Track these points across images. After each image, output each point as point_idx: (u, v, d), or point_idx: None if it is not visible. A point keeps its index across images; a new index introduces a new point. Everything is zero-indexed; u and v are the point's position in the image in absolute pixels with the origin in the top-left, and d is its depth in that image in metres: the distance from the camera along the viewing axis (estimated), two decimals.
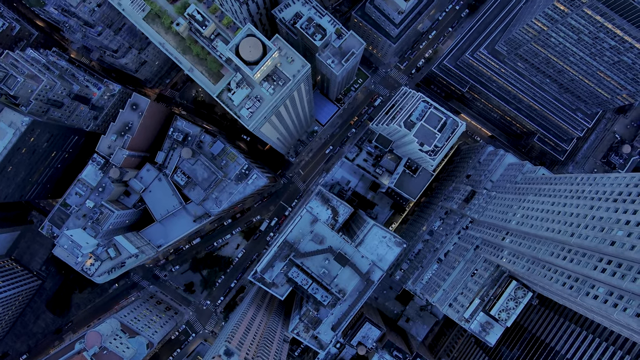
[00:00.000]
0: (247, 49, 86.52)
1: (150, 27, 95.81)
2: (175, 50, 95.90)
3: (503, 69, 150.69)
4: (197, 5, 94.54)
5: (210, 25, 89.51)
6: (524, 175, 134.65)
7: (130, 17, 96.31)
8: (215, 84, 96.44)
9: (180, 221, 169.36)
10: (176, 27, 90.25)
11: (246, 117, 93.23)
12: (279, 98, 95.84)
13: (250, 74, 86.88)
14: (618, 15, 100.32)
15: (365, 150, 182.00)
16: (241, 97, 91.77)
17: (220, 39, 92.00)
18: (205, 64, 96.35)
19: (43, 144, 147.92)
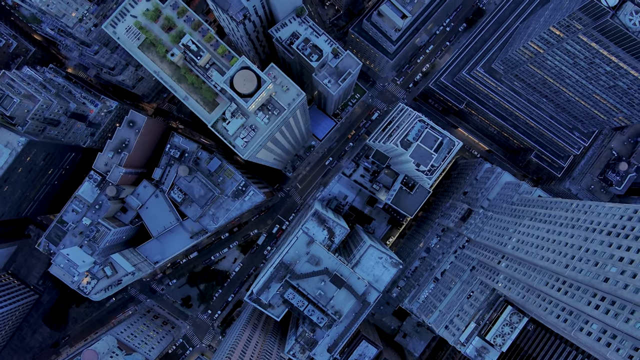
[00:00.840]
0: (241, 82, 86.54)
1: (145, 56, 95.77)
2: (170, 78, 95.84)
3: (500, 87, 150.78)
4: (192, 34, 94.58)
5: (205, 55, 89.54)
6: (520, 196, 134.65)
7: (125, 45, 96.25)
8: (211, 112, 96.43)
9: (177, 237, 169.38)
10: (171, 58, 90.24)
11: (241, 146, 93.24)
12: (274, 127, 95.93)
13: (245, 106, 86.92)
14: (613, 43, 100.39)
15: (362, 166, 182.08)
16: (236, 126, 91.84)
17: (215, 68, 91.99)
18: (201, 93, 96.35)
19: (40, 163, 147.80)
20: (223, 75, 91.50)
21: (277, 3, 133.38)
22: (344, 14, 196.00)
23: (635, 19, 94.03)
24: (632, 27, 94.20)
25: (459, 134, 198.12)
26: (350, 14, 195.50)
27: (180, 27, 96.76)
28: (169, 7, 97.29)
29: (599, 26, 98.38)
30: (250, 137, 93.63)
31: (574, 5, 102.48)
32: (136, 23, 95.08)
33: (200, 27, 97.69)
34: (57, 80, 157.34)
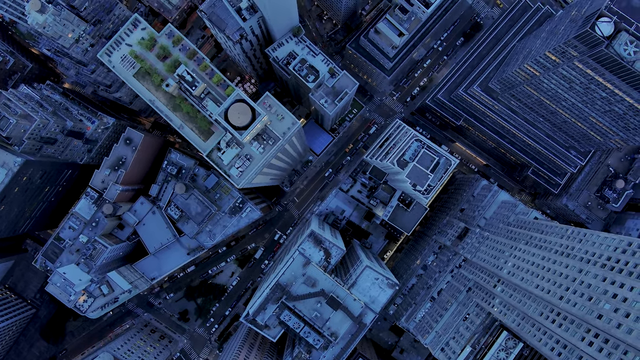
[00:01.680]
0: (235, 115, 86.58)
1: (140, 84, 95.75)
2: (166, 107, 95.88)
3: (496, 106, 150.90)
4: (187, 63, 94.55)
5: (200, 85, 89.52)
6: (517, 217, 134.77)
7: (121, 74, 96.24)
8: (206, 140, 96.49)
9: (174, 254, 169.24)
10: (166, 88, 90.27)
11: (236, 176, 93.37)
12: (269, 156, 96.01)
13: (240, 139, 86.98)
14: (608, 71, 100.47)
15: (359, 182, 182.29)
16: (231, 156, 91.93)
17: (210, 97, 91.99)
18: (196, 122, 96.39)
19: (36, 181, 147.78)
20: (218, 104, 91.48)
21: (274, 23, 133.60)
22: (342, 28, 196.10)
23: (630, 49, 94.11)
24: (627, 57, 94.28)
25: (456, 148, 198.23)
26: (347, 28, 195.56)
27: (176, 56, 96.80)
28: (164, 36, 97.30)
29: (594, 55, 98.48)
30: (245, 166, 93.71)
31: (569, 32, 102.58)
32: (131, 52, 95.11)
33: (196, 56, 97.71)
34: (54, 98, 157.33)
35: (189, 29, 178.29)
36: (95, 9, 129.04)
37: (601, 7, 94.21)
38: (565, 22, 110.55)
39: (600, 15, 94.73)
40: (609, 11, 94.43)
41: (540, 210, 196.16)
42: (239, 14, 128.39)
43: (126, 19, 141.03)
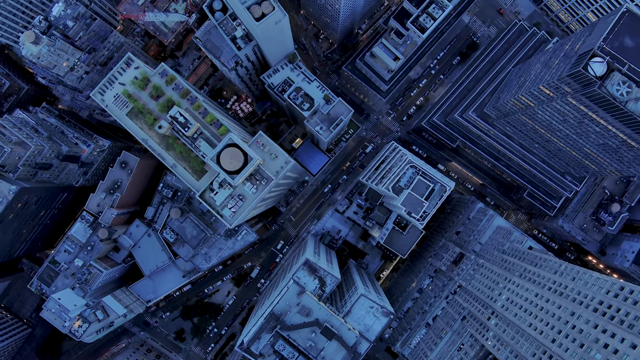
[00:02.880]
0: (227, 160, 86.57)
1: (133, 123, 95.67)
2: (159, 146, 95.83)
3: (492, 131, 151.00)
4: (180, 102, 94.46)
5: (192, 127, 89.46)
6: (511, 245, 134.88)
7: (113, 113, 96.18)
8: (199, 180, 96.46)
9: (169, 276, 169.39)
10: (159, 130, 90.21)
11: (228, 217, 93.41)
12: (262, 195, 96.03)
13: (232, 183, 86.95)
14: (601, 109, 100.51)
15: (355, 203, 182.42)
16: (223, 197, 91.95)
17: (203, 137, 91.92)
18: (189, 161, 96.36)
19: (31, 207, 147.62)
20: (211, 145, 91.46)
21: (269, 52, 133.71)
22: (338, 47, 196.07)
23: (622, 89, 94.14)
24: (620, 97, 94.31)
25: (452, 167, 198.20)
26: (344, 47, 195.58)
27: (169, 95, 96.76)
28: (157, 75, 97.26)
29: (586, 93, 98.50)
30: (238, 207, 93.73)
31: (562, 69, 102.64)
32: (124, 92, 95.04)
33: (189, 95, 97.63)
34: (49, 121, 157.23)
35: (185, 50, 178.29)
36: (90, 38, 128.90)
37: (594, 47, 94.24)
38: (559, 55, 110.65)
39: (593, 55, 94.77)
40: (601, 51, 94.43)
41: (536, 230, 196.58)
42: (234, 43, 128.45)
43: (121, 45, 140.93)
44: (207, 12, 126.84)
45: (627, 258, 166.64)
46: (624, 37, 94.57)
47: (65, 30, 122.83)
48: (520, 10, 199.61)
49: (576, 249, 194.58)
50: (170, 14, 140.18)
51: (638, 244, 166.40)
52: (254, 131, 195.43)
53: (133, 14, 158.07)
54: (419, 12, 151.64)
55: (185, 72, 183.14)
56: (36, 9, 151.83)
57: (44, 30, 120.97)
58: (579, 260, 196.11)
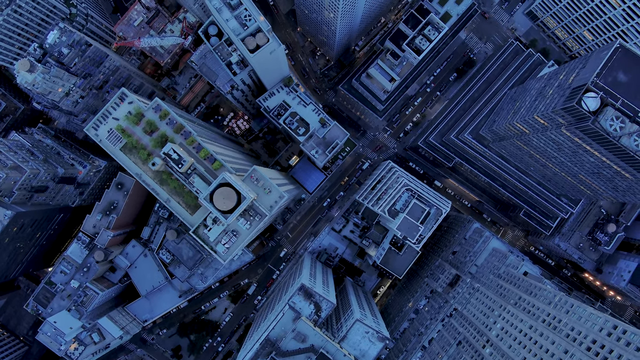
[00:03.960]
0: (220, 200, 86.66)
1: (127, 158, 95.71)
2: (153, 181, 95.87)
3: (488, 153, 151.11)
4: (174, 138, 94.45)
5: (186, 163, 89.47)
6: (507, 269, 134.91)
7: (107, 148, 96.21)
8: (193, 214, 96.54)
9: (166, 296, 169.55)
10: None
11: (222, 252, 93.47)
12: (256, 230, 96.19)
13: (225, 222, 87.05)
14: (595, 142, 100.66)
15: (352, 222, 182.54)
16: (217, 233, 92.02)
17: (197, 173, 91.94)
18: (183, 196, 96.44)
19: (27, 229, 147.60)
20: (205, 181, 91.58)
21: (265, 77, 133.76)
22: (335, 64, 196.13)
23: (615, 125, 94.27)
24: (613, 133, 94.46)
25: (449, 184, 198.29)
26: (341, 64, 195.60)
27: (163, 130, 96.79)
28: (151, 110, 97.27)
29: (580, 127, 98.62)
30: (232, 242, 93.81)
31: (556, 101, 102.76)
32: (118, 127, 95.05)
33: (183, 130, 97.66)
34: (45, 142, 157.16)
35: (181, 69, 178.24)
36: (85, 64, 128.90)
37: (587, 83, 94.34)
38: (554, 85, 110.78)
39: (586, 90, 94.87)
40: (595, 86, 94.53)
41: (533, 246, 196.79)
42: (229, 68, 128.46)
43: (117, 69, 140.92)
44: (202, 38, 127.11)
45: (623, 277, 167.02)
46: (617, 72, 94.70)
47: (61, 57, 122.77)
48: (517, 26, 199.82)
49: (573, 265, 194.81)
50: (166, 38, 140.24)
51: (634, 263, 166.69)
52: (250, 149, 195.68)
53: (128, 35, 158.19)
54: (415, 33, 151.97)
55: (182, 90, 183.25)
56: (32, 31, 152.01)
57: (39, 57, 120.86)
58: (575, 277, 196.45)
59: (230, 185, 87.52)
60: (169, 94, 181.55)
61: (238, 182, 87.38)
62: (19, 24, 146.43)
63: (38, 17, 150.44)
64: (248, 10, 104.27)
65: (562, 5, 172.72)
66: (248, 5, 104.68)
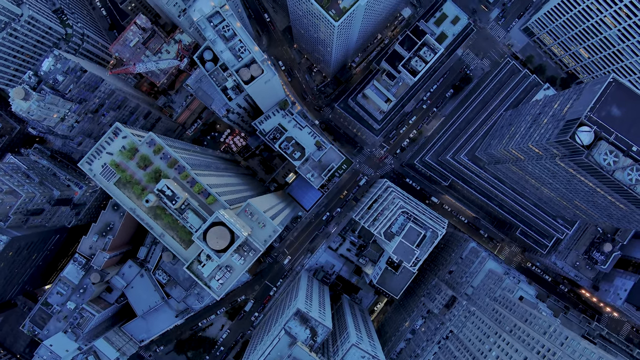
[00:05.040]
0: (214, 240, 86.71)
1: (121, 193, 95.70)
2: (147, 215, 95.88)
3: (483, 174, 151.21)
4: (168, 172, 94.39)
5: (180, 200, 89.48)
6: (503, 292, 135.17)
7: (101, 183, 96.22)
8: (187, 249, 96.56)
9: (162, 316, 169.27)
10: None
11: (216, 288, 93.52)
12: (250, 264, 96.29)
13: (218, 261, 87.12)
14: (589, 174, 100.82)
15: (348, 240, 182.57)
16: (211, 268, 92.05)
17: (191, 208, 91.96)
18: (177, 230, 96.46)
19: (23, 252, 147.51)
20: (199, 217, 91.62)
21: (260, 101, 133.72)
22: (332, 81, 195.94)
23: (609, 159, 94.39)
24: (607, 167, 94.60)
25: (446, 200, 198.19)
26: (337, 81, 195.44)
27: (157, 165, 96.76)
28: (145, 145, 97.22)
29: (574, 159, 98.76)
30: (226, 278, 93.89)
31: (550, 132, 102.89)
32: (111, 162, 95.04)
33: (177, 165, 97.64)
34: (41, 162, 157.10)
35: (177, 88, 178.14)
36: (80, 91, 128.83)
37: (581, 116, 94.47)
38: (548, 114, 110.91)
39: (580, 124, 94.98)
40: (589, 120, 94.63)
41: (529, 262, 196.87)
42: (224, 93, 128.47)
43: (112, 92, 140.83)
44: (197, 63, 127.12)
45: (619, 296, 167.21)
46: (610, 106, 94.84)
47: (56, 84, 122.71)
48: (514, 42, 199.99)
49: (569, 281, 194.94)
50: (161, 61, 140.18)
51: (630, 281, 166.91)
52: (247, 166, 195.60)
53: (124, 55, 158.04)
54: (411, 54, 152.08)
55: (178, 109, 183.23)
56: (28, 52, 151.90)
57: (34, 85, 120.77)
58: (572, 293, 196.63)
59: (223, 223, 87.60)
60: (166, 112, 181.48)
61: (231, 220, 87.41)
62: (14, 46, 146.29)
63: (34, 39, 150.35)
64: (242, 42, 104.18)
65: (558, 23, 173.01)
66: (242, 36, 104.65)
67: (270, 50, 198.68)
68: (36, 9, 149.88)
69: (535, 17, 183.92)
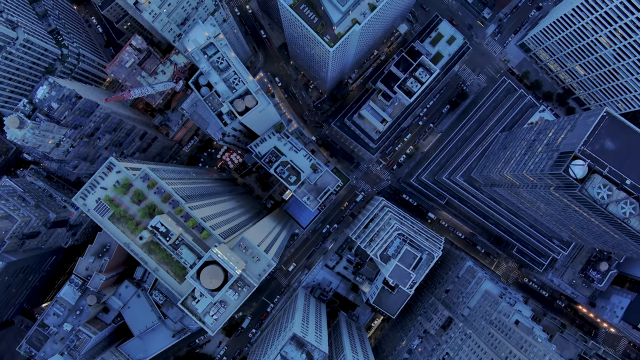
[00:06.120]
0: (207, 280, 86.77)
1: (115, 227, 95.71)
2: (141, 250, 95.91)
3: (479, 195, 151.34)
4: (162, 207, 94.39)
5: (174, 236, 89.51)
6: (498, 316, 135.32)
7: (95, 218, 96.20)
8: (181, 283, 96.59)
9: (159, 336, 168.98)
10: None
11: (210, 324, 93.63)
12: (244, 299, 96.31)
13: (212, 300, 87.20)
14: (582, 205, 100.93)
15: (345, 258, 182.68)
16: (205, 304, 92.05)
17: (184, 244, 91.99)
18: (171, 265, 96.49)
19: (19, 275, 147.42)
20: (193, 252, 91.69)
21: (255, 127, 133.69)
22: (328, 97, 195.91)
23: (603, 192, 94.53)
24: (600, 201, 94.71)
25: (443, 216, 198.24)
26: (334, 98, 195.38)
27: (151, 200, 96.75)
28: (139, 180, 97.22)
29: (568, 192, 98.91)
30: (220, 313, 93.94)
31: (545, 163, 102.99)
32: (105, 197, 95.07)
33: (171, 199, 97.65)
34: (37, 184, 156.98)
35: (173, 107, 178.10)
36: (75, 117, 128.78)
37: (575, 150, 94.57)
38: (543, 142, 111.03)
39: (574, 157, 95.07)
40: (582, 154, 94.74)
41: (527, 278, 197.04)
42: (220, 118, 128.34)
43: (107, 116, 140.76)
44: (192, 88, 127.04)
45: (616, 314, 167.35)
46: (604, 140, 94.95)
47: (50, 112, 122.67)
48: (510, 58, 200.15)
49: (566, 297, 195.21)
50: (157, 85, 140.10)
51: (627, 299, 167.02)
52: (244, 183, 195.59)
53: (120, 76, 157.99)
54: (406, 75, 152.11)
55: (174, 127, 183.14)
56: (24, 74, 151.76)
57: (28, 113, 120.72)
58: (569, 308, 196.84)
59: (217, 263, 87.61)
60: (162, 130, 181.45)
61: (225, 258, 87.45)
62: (9, 69, 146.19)
63: (29, 61, 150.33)
64: (236, 73, 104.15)
65: (554, 41, 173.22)
66: (236, 67, 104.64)
67: (267, 67, 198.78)
68: (31, 31, 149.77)
69: (531, 34, 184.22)
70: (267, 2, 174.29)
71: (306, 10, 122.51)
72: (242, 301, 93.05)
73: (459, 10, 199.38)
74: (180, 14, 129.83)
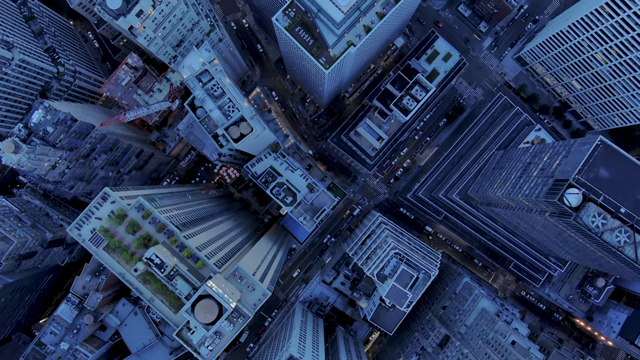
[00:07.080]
0: (202, 314, 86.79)
1: (110, 257, 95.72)
2: (136, 280, 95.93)
3: (475, 213, 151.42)
4: (157, 236, 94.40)
5: (169, 267, 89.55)
6: (495, 335, 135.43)
7: (90, 248, 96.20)
8: (177, 313, 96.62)
9: (156, 353, 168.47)
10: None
11: (205, 355, 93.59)
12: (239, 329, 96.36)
13: (206, 334, 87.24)
14: (577, 232, 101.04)
15: (342, 274, 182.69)
16: (200, 335, 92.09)
17: (179, 274, 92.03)
18: (166, 295, 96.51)
19: (16, 295, 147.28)
20: (188, 283, 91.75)
21: (251, 150, 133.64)
22: (325, 112, 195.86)
23: (597, 221, 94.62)
24: (595, 229, 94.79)
25: (440, 229, 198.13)
26: (330, 112, 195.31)
27: (146, 230, 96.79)
28: (133, 210, 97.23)
29: (563, 219, 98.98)
30: (216, 344, 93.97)
31: (540, 189, 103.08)
32: (100, 228, 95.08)
33: (166, 229, 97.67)
34: (33, 202, 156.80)
35: (170, 123, 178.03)
36: (71, 140, 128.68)
37: (569, 179, 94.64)
38: (538, 166, 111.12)
39: (569, 185, 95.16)
40: (577, 182, 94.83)
41: (524, 291, 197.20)
42: (215, 140, 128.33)
43: (103, 137, 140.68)
44: (188, 110, 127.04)
45: (613, 329, 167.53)
46: (599, 168, 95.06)
47: (46, 136, 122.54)
48: (507, 71, 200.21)
49: (564, 310, 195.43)
50: (152, 105, 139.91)
51: (624, 314, 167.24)
52: (241, 197, 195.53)
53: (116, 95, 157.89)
54: (402, 93, 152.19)
55: (171, 142, 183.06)
56: (19, 93, 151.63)
57: (24, 137, 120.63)
58: (567, 321, 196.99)
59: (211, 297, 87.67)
60: (159, 146, 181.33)
61: (219, 291, 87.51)
62: (5, 89, 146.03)
63: (25, 80, 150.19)
64: (231, 100, 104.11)
65: (550, 55, 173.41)
66: (231, 94, 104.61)
67: (264, 81, 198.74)
68: (27, 51, 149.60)
69: (528, 48, 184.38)
70: (263, 17, 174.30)
71: (302, 32, 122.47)
72: (237, 332, 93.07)
73: (455, 24, 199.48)
74: (175, 36, 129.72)
